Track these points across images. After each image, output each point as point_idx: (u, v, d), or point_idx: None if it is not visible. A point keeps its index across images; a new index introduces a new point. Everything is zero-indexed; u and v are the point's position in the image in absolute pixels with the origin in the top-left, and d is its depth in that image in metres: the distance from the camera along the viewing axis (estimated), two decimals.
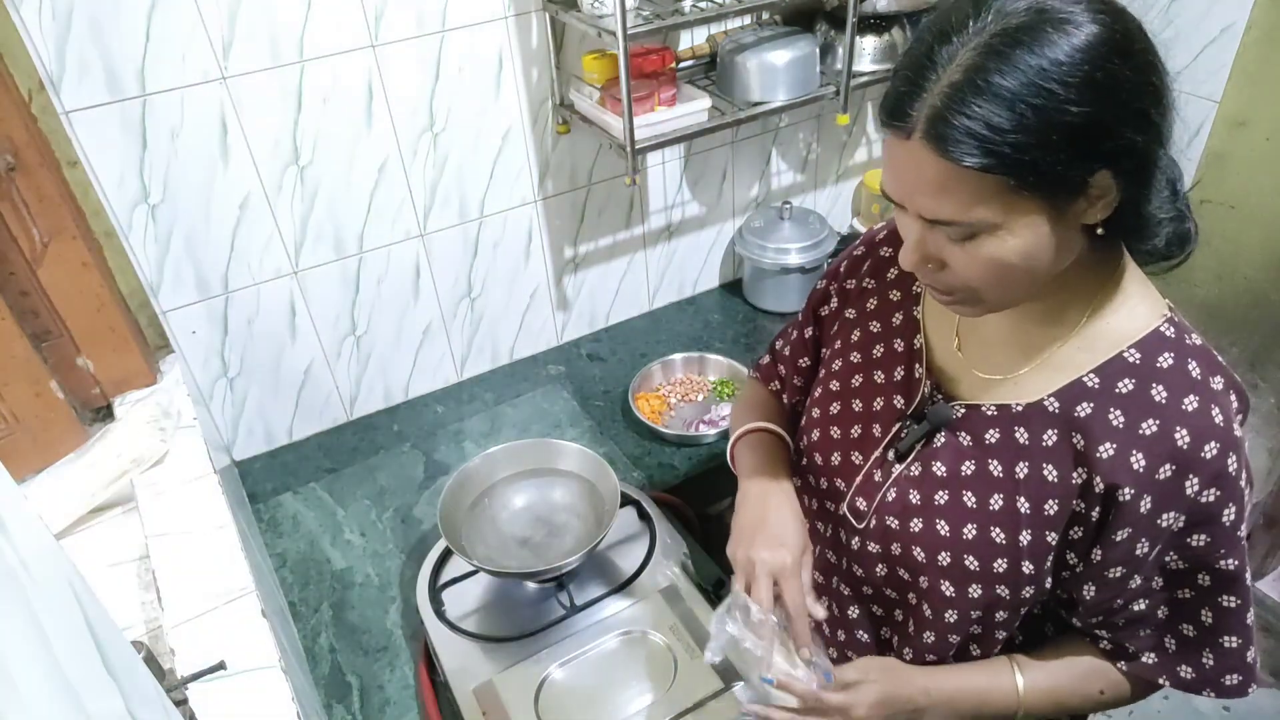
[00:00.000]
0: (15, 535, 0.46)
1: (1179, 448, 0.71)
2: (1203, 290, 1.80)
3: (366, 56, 1.30)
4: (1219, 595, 0.77)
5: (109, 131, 1.18)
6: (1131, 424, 0.72)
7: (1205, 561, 0.75)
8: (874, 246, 0.96)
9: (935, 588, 0.82)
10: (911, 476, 0.84)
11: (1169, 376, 0.73)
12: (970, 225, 0.65)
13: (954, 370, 0.84)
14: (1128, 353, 0.74)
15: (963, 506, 0.80)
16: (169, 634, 0.90)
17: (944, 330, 0.86)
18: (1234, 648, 0.78)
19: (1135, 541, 0.74)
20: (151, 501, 1.07)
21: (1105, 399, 0.74)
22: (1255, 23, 1.53)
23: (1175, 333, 0.75)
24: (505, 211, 1.56)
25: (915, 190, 0.66)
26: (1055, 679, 0.84)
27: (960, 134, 0.60)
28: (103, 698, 0.50)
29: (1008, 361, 0.80)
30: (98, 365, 1.19)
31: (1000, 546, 0.78)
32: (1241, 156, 1.63)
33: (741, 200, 1.84)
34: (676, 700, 1.01)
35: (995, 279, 0.69)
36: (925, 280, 0.74)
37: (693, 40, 1.60)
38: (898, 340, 0.89)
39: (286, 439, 1.57)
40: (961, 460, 0.81)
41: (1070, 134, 0.60)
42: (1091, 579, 0.78)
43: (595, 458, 1.24)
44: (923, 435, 0.83)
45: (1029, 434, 0.77)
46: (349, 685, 1.16)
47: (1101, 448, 0.73)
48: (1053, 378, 0.77)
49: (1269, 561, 2.07)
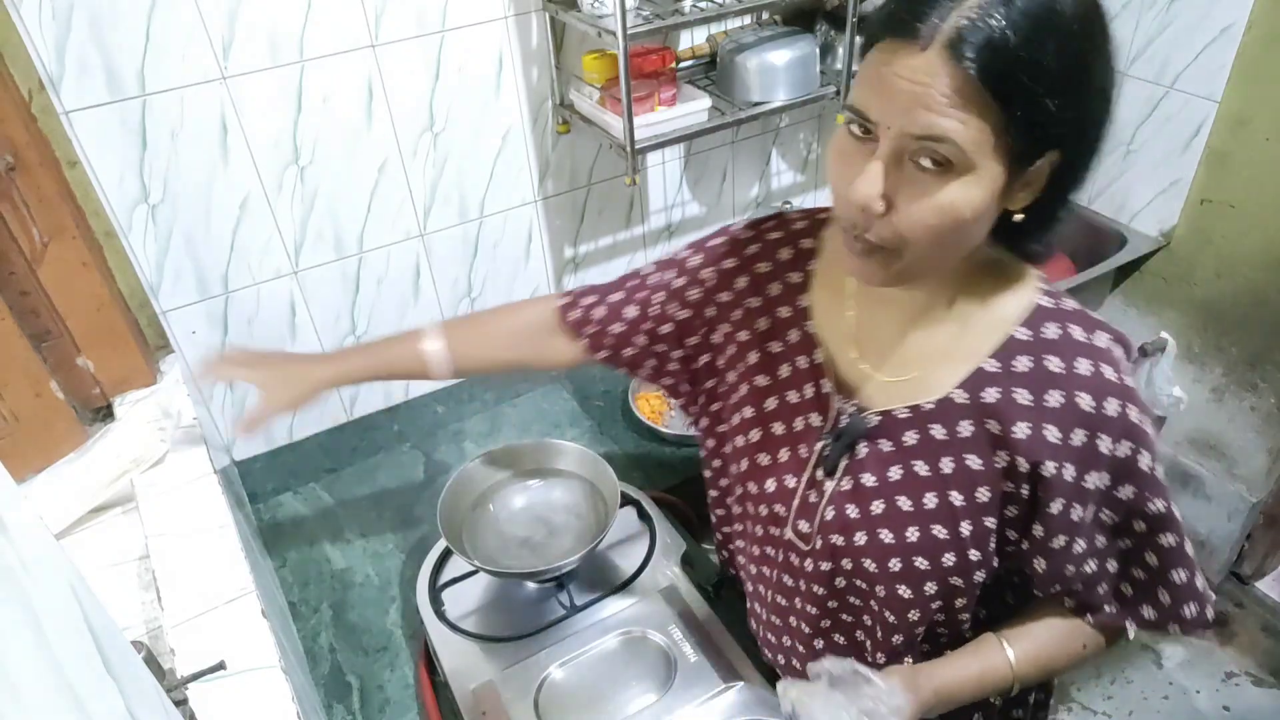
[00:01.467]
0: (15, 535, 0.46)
1: (1085, 412, 0.74)
2: (1203, 290, 1.80)
3: (366, 56, 1.30)
4: (1157, 536, 0.80)
5: (109, 131, 1.18)
6: (1037, 399, 0.75)
7: (1137, 509, 0.79)
8: (748, 261, 0.92)
9: (893, 593, 0.83)
10: (844, 491, 0.84)
11: (1058, 346, 0.76)
12: (955, 148, 0.63)
13: (859, 380, 0.84)
14: (1017, 332, 0.77)
15: (900, 511, 0.81)
16: (169, 634, 0.90)
17: (839, 340, 0.86)
18: (1184, 581, 0.82)
19: (1069, 509, 0.77)
20: (151, 501, 1.07)
21: (1008, 380, 0.76)
22: (1255, 23, 1.53)
23: (1053, 302, 0.78)
24: (505, 211, 1.56)
25: (917, 103, 0.63)
26: (1040, 645, 0.87)
27: (984, 49, 0.60)
28: (103, 698, 0.50)
29: (907, 362, 0.81)
30: (98, 365, 1.19)
31: (945, 542, 0.80)
32: (1242, 156, 1.63)
33: (741, 200, 1.84)
34: (676, 700, 1.01)
35: (936, 232, 0.68)
36: (858, 226, 0.69)
37: (693, 40, 1.60)
38: (800, 358, 0.88)
39: (286, 439, 1.57)
40: (887, 467, 0.82)
41: (1068, 84, 0.63)
42: (1039, 554, 0.80)
43: (595, 458, 1.24)
44: (845, 450, 0.83)
45: (945, 429, 0.79)
46: (349, 685, 1.16)
47: (1016, 428, 0.75)
48: (955, 370, 0.78)
49: (1269, 561, 2.07)
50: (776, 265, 0.91)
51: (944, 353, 0.79)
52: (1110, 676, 1.94)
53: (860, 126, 0.68)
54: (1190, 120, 1.67)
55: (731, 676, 1.04)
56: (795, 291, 0.89)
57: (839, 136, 0.71)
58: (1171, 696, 1.89)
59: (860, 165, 0.68)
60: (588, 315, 1.01)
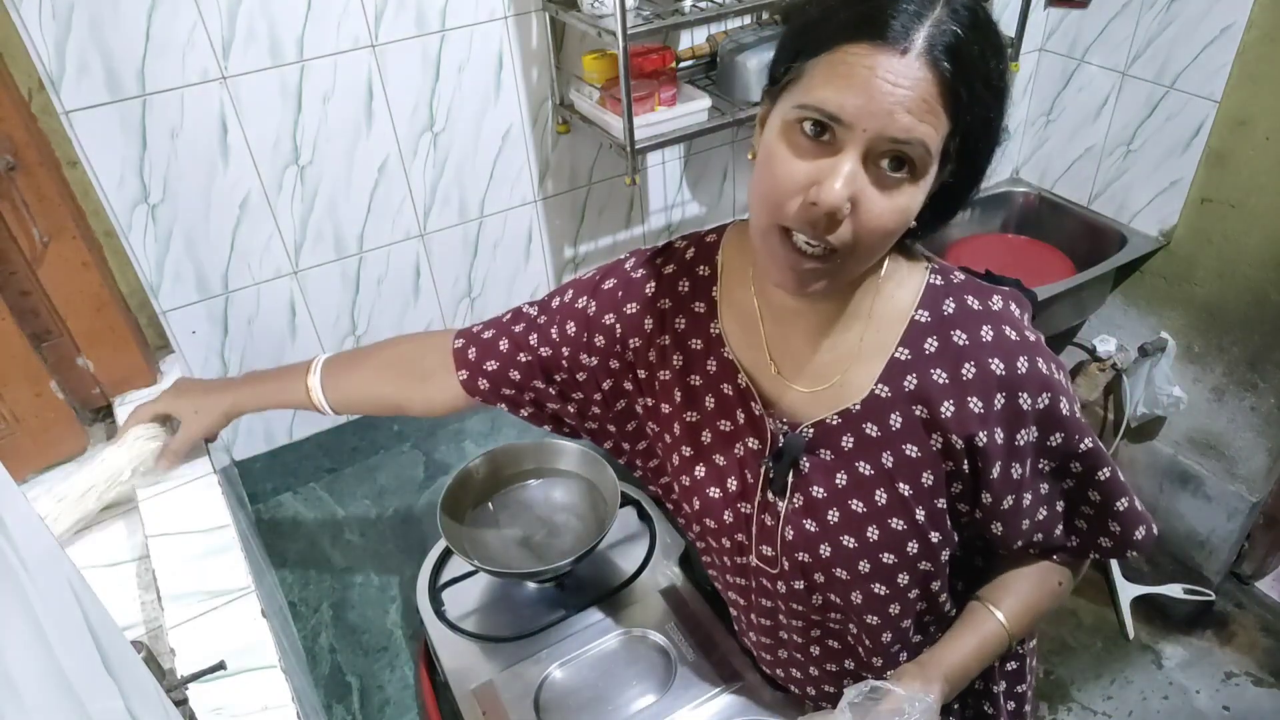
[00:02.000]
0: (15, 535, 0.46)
1: (1000, 375, 0.76)
2: (1203, 289, 1.80)
3: (366, 56, 1.30)
4: (1094, 473, 0.84)
5: (109, 131, 1.18)
6: (954, 375, 0.77)
7: (1069, 451, 0.82)
8: (647, 301, 0.90)
9: (869, 594, 0.84)
10: (797, 508, 0.84)
11: (958, 320, 0.77)
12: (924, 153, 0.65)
13: (784, 395, 0.84)
14: (918, 315, 0.78)
15: (855, 515, 0.82)
16: (169, 634, 0.90)
17: (756, 361, 0.85)
18: (1127, 508, 0.86)
19: (1008, 470, 0.79)
20: (151, 501, 1.07)
21: (921, 364, 0.78)
22: (1255, 22, 1.53)
23: (942, 279, 0.80)
24: (505, 211, 1.56)
25: (896, 106, 0.63)
26: (1023, 597, 0.89)
27: (956, 56, 0.63)
28: (103, 698, 0.50)
29: (824, 369, 0.82)
30: (98, 365, 1.19)
31: (904, 532, 0.81)
32: (1242, 155, 1.63)
33: (742, 200, 1.84)
34: (676, 700, 1.01)
35: (887, 235, 0.69)
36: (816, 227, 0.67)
37: (693, 40, 1.60)
38: (724, 385, 0.87)
39: (286, 439, 1.57)
40: (832, 475, 0.82)
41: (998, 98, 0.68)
42: (993, 518, 0.83)
43: (595, 458, 1.24)
44: (788, 468, 0.83)
45: (877, 425, 0.80)
46: (349, 685, 1.16)
47: (943, 408, 0.77)
48: (870, 367, 0.79)
49: (1269, 561, 2.07)
50: (677, 299, 0.89)
51: (856, 353, 0.80)
52: (1110, 676, 1.94)
53: (815, 126, 0.66)
54: (1190, 120, 1.67)
55: (731, 676, 1.04)
56: (703, 321, 0.87)
57: (783, 136, 0.69)
58: (1171, 696, 1.89)
59: (814, 167, 0.66)
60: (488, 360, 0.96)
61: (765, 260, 0.73)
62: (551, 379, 0.94)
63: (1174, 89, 1.68)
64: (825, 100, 0.65)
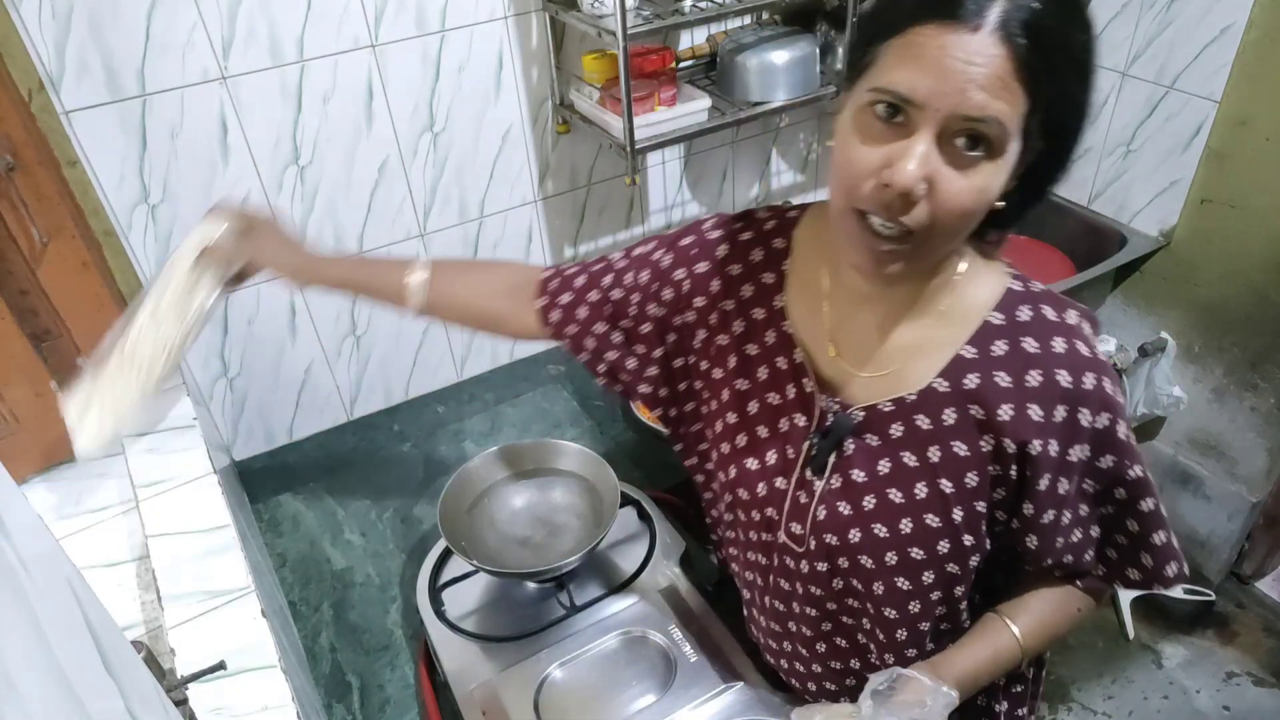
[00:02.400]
0: (15, 535, 0.46)
1: (1065, 388, 0.76)
2: (1204, 290, 1.80)
3: (366, 56, 1.30)
4: (1137, 503, 0.82)
5: (109, 131, 1.18)
6: (1017, 380, 0.76)
7: (1117, 477, 0.81)
8: (720, 263, 0.91)
9: (892, 586, 0.84)
10: (834, 489, 0.84)
11: (1032, 327, 0.77)
12: (1001, 130, 0.64)
13: (840, 377, 0.84)
14: (991, 317, 0.78)
15: (892, 504, 0.82)
16: (169, 634, 0.90)
17: (817, 340, 0.86)
18: (1164, 543, 0.84)
19: (1056, 483, 0.79)
20: (151, 501, 1.07)
21: (987, 365, 0.77)
22: (1255, 22, 1.53)
23: (1022, 285, 0.80)
24: (505, 211, 1.56)
25: (970, 82, 0.63)
26: (1040, 616, 0.88)
27: (1033, 30, 0.62)
28: (103, 698, 0.50)
29: (886, 356, 0.82)
30: None
31: (938, 530, 0.81)
32: (1242, 156, 1.63)
33: (742, 200, 1.84)
34: (676, 700, 1.01)
35: (966, 216, 0.68)
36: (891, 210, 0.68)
37: (693, 40, 1.60)
38: (778, 359, 0.87)
39: (286, 439, 1.57)
40: (876, 461, 0.82)
41: (1082, 74, 0.66)
42: (1030, 531, 0.82)
43: (595, 458, 1.24)
44: (832, 448, 0.83)
45: (929, 418, 0.79)
46: (349, 685, 1.16)
47: (1000, 411, 0.76)
48: (933, 360, 0.79)
49: (1269, 561, 2.07)
50: (748, 267, 0.90)
51: (921, 344, 0.80)
52: (1110, 676, 1.94)
53: (889, 108, 0.67)
54: (1190, 120, 1.67)
55: (731, 676, 1.04)
56: (769, 292, 0.88)
57: (858, 120, 0.69)
58: (1172, 696, 1.89)
59: (888, 149, 0.67)
60: (564, 293, 0.98)
61: (843, 242, 0.74)
62: (617, 324, 0.96)
63: (1174, 89, 1.68)
64: (896, 82, 0.65)
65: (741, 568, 0.99)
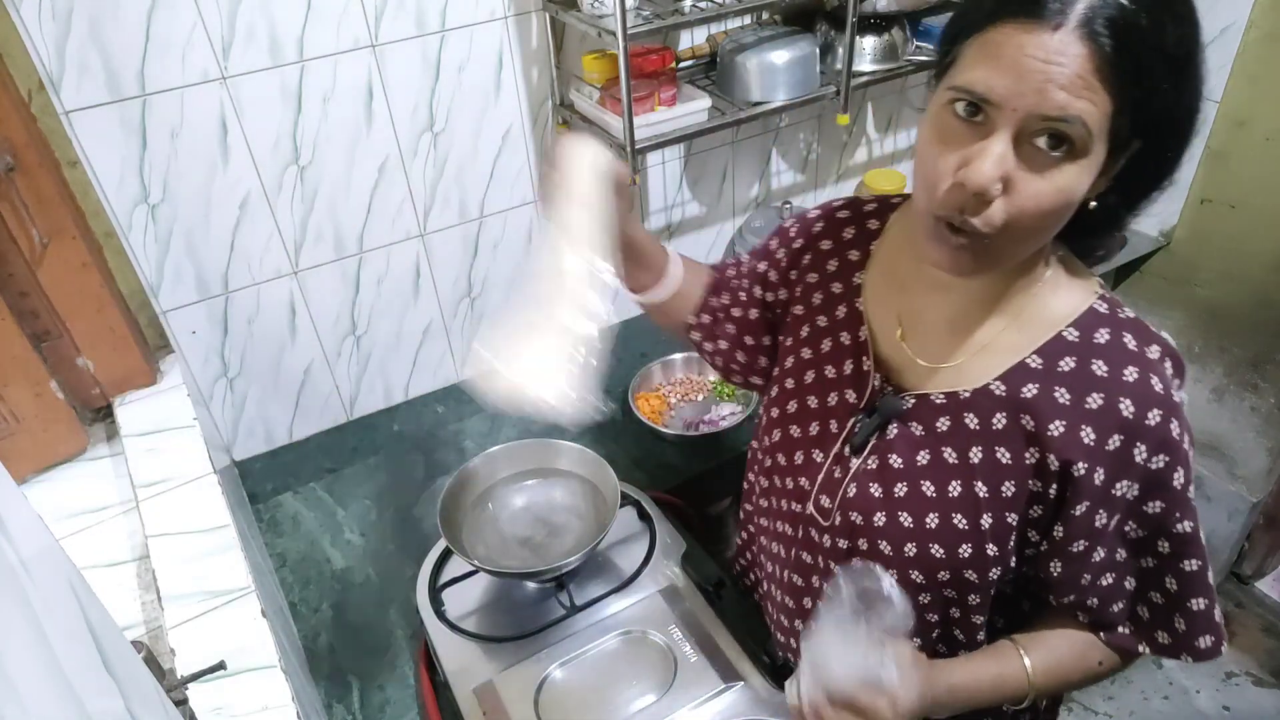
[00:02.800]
0: (15, 535, 0.46)
1: (1125, 418, 0.73)
2: (1205, 290, 1.80)
3: (366, 56, 1.30)
4: (1180, 560, 0.79)
5: (109, 131, 1.18)
6: (1077, 400, 0.74)
7: (1163, 527, 0.77)
8: (814, 238, 0.95)
9: (905, 578, 0.83)
10: (869, 470, 0.85)
11: (1107, 351, 0.75)
12: (1083, 130, 0.63)
13: (900, 361, 0.85)
14: (1066, 332, 0.76)
15: (923, 496, 0.81)
16: (169, 634, 0.90)
17: (886, 321, 0.87)
18: (1201, 610, 0.80)
19: (1094, 514, 0.76)
20: (151, 501, 1.07)
21: (1049, 378, 0.76)
22: (1255, 23, 1.53)
23: (1108, 308, 0.77)
24: (505, 211, 1.56)
25: (1052, 83, 0.61)
26: (1058, 656, 0.85)
27: (1119, 27, 0.60)
28: (103, 698, 0.50)
29: (951, 349, 0.81)
30: (98, 365, 1.19)
31: (963, 532, 0.80)
32: (1242, 156, 1.63)
33: (742, 200, 1.84)
34: (676, 700, 1.01)
35: (1046, 216, 0.67)
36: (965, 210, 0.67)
37: (693, 40, 1.60)
38: (843, 334, 0.89)
39: (286, 439, 1.57)
40: (916, 450, 0.82)
41: (1179, 71, 0.63)
42: (1056, 556, 0.79)
43: (595, 458, 1.24)
44: (875, 428, 0.84)
45: (978, 419, 0.79)
46: (349, 685, 1.16)
47: (1051, 426, 0.75)
48: (996, 362, 0.78)
49: (1269, 561, 2.07)
50: (839, 242, 0.93)
51: (988, 345, 0.79)
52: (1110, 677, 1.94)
53: (968, 107, 0.66)
54: None
55: (731, 676, 1.04)
56: (852, 268, 0.90)
57: (937, 119, 0.69)
58: (1172, 696, 1.89)
59: (966, 148, 0.66)
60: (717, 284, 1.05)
61: (922, 239, 0.74)
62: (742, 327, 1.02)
63: None
64: (974, 81, 0.65)
65: (768, 539, 1.00)
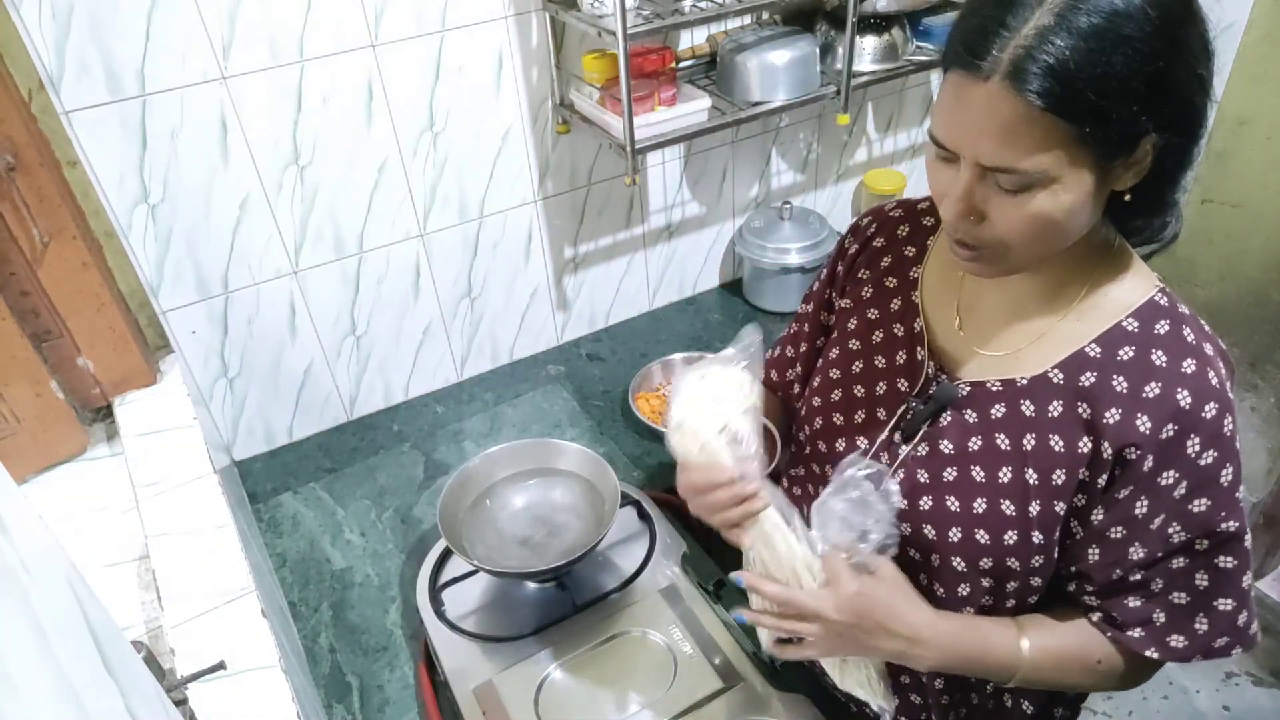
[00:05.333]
0: (15, 535, 0.46)
1: (1181, 408, 0.72)
2: (1205, 290, 1.80)
3: (366, 56, 1.30)
4: (1216, 556, 0.76)
5: (109, 131, 1.18)
6: (1134, 388, 0.74)
7: (1206, 525, 0.75)
8: (868, 239, 0.98)
9: (947, 563, 0.83)
10: (919, 457, 0.85)
11: (1167, 342, 0.75)
12: (1029, 175, 0.65)
13: (956, 350, 0.86)
14: (1126, 322, 0.76)
15: (971, 481, 0.81)
16: (169, 634, 0.91)
17: (943, 313, 0.88)
18: (1228, 610, 0.78)
19: (1135, 500, 0.75)
20: (151, 501, 1.07)
21: (1108, 367, 0.76)
22: (1255, 22, 1.53)
23: (1168, 301, 0.77)
24: (505, 211, 1.56)
25: (983, 134, 0.65)
26: (1059, 639, 0.83)
27: (1045, 76, 0.61)
28: (103, 698, 0.50)
29: (1009, 339, 0.82)
30: (98, 365, 1.19)
31: (1010, 518, 0.79)
32: (1243, 155, 1.63)
33: (742, 200, 1.84)
34: (676, 700, 1.01)
35: (1033, 235, 0.69)
36: (957, 234, 0.73)
37: (693, 40, 1.60)
38: (897, 325, 0.91)
39: (286, 439, 1.57)
40: (968, 437, 0.82)
41: (1142, 86, 0.62)
42: (1094, 542, 0.79)
43: (595, 458, 1.24)
44: (930, 415, 0.84)
45: (1035, 406, 0.79)
46: (349, 685, 1.16)
47: (1108, 414, 0.75)
48: (1054, 350, 0.79)
49: (1269, 561, 2.07)
50: (893, 240, 0.95)
51: (1047, 333, 0.79)
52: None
53: (937, 147, 0.71)
54: None
55: (731, 676, 1.04)
56: (908, 263, 0.92)
57: (927, 150, 0.74)
58: (1171, 696, 1.89)
59: (946, 179, 0.71)
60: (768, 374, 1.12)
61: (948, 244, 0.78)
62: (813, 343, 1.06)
63: None
64: (934, 126, 0.71)
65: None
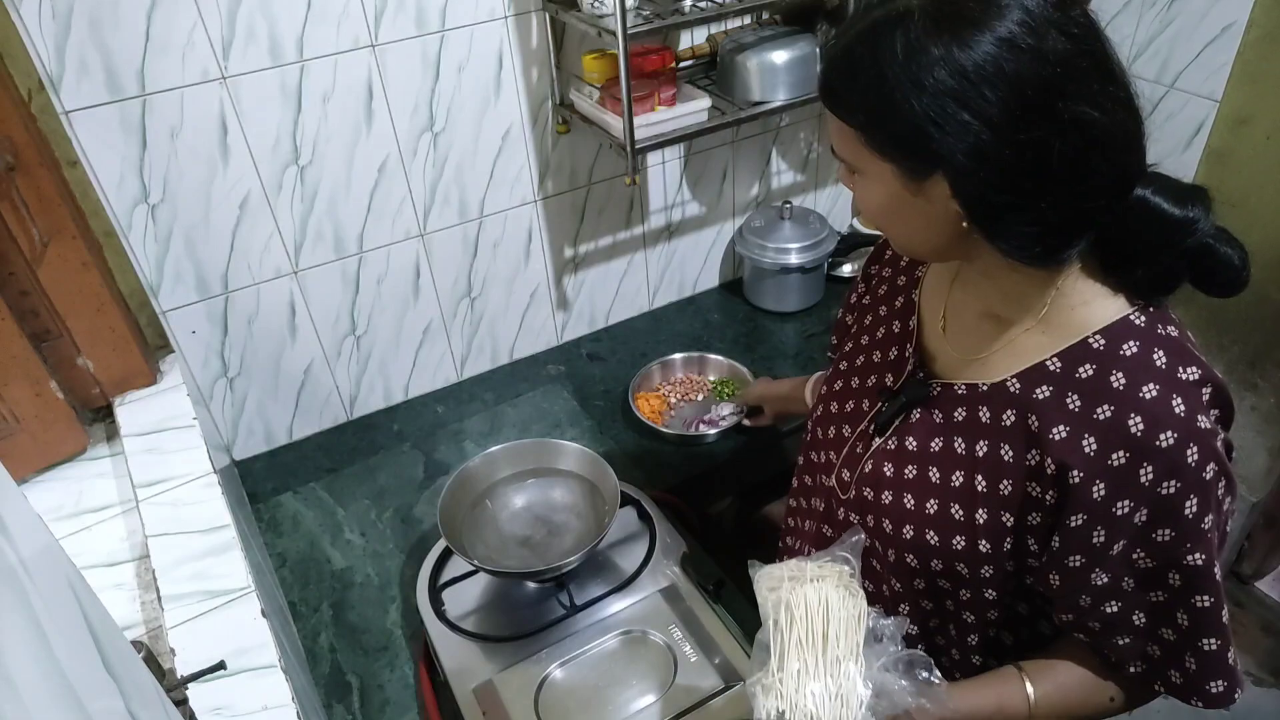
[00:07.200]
0: (15, 535, 0.46)
1: (1133, 434, 0.70)
2: None
3: (366, 56, 1.30)
4: (1191, 595, 0.75)
5: (109, 131, 1.18)
6: (1087, 408, 0.73)
7: (1173, 558, 0.73)
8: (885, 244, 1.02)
9: (901, 559, 0.86)
10: (888, 450, 0.88)
11: (1130, 364, 0.72)
12: (844, 161, 0.76)
13: (938, 351, 0.88)
14: (1092, 339, 0.74)
15: (928, 481, 0.84)
16: (169, 634, 0.90)
17: (935, 313, 0.90)
18: (1213, 650, 0.77)
19: (1092, 529, 0.73)
20: (151, 501, 1.07)
21: (1065, 383, 0.75)
22: (1255, 22, 1.53)
23: (1146, 322, 0.75)
24: (505, 211, 1.56)
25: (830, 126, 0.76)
26: (1063, 687, 0.83)
27: (828, 91, 0.74)
28: (103, 698, 0.50)
29: (979, 343, 0.83)
30: (98, 365, 1.19)
31: (958, 523, 0.81)
32: (1242, 155, 1.63)
33: (742, 200, 1.84)
34: (676, 700, 1.01)
35: (877, 217, 0.78)
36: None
37: (693, 40, 1.60)
38: (896, 322, 0.94)
39: (286, 439, 1.57)
40: (932, 436, 0.85)
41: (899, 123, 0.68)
42: (1054, 568, 0.77)
43: (595, 458, 1.24)
44: (899, 410, 0.87)
45: (990, 413, 0.80)
46: (349, 685, 1.16)
47: (1055, 430, 0.74)
48: (1017, 360, 0.79)
49: (1269, 561, 2.07)
50: None
51: (1014, 342, 0.80)
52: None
53: None
54: (1190, 119, 1.67)
55: (731, 676, 1.03)
56: (915, 263, 0.96)
57: None
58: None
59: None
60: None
61: None
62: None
63: (1174, 88, 1.68)
64: None
65: (803, 516, 1.04)
